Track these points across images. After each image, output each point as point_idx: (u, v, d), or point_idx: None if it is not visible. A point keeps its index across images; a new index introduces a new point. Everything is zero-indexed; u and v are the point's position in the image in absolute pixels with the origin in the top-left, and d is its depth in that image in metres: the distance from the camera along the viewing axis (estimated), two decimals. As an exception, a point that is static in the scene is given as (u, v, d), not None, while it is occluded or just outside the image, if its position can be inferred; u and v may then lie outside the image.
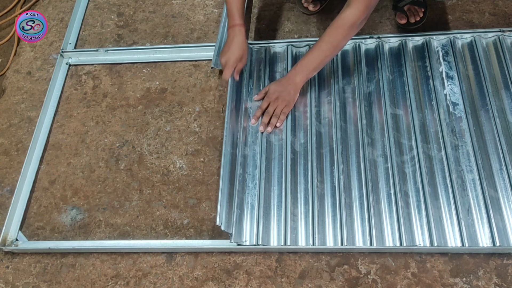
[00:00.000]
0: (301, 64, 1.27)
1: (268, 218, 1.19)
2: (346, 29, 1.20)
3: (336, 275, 1.14)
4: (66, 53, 1.61)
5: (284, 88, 1.29)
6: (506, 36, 1.39)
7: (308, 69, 1.26)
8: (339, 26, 1.20)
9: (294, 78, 1.28)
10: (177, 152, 1.38)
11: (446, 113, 1.29)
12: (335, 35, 1.21)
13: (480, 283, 1.10)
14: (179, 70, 1.54)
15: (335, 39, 1.22)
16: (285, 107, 1.30)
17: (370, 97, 1.35)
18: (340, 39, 1.22)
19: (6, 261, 1.27)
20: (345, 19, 1.19)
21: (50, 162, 1.42)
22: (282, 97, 1.29)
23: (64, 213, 1.32)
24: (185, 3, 1.72)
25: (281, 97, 1.29)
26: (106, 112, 1.49)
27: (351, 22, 1.18)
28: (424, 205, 1.16)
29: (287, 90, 1.29)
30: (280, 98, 1.29)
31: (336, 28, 1.20)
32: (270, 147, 1.30)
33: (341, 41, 1.23)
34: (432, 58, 1.38)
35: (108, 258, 1.23)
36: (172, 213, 1.28)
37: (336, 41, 1.22)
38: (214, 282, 1.16)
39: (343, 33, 1.20)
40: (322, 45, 1.23)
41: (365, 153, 1.25)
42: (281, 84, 1.30)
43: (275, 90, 1.30)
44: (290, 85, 1.29)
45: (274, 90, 1.30)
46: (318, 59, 1.25)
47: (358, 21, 1.18)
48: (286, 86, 1.29)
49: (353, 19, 1.18)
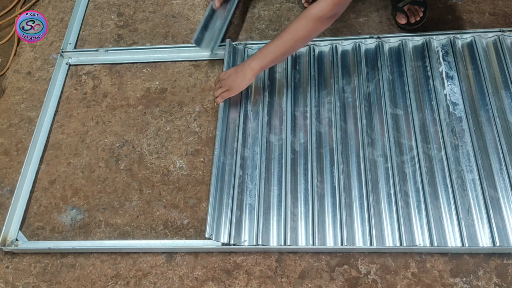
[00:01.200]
0: (260, 52, 1.24)
1: (268, 218, 1.19)
2: (310, 22, 1.15)
3: (336, 275, 1.14)
4: (66, 53, 1.61)
5: (237, 71, 1.29)
6: (506, 36, 1.39)
7: (266, 58, 1.23)
8: (304, 18, 1.16)
9: (248, 66, 1.25)
10: (177, 152, 1.38)
11: (446, 113, 1.29)
12: (298, 27, 1.17)
13: (480, 283, 1.10)
14: (179, 70, 1.54)
15: (297, 31, 1.17)
16: (225, 91, 1.31)
17: (370, 97, 1.35)
18: (302, 31, 1.17)
19: (6, 261, 1.27)
20: (311, 12, 1.15)
21: (50, 162, 1.42)
22: (229, 79, 1.30)
23: (64, 213, 1.32)
24: (185, 3, 1.72)
25: (228, 81, 1.30)
26: (106, 112, 1.49)
27: (316, 16, 1.14)
28: (424, 205, 1.16)
29: (235, 77, 1.28)
30: (227, 79, 1.30)
31: (300, 19, 1.16)
32: (270, 147, 1.30)
33: (305, 34, 1.17)
34: (432, 58, 1.38)
35: (108, 258, 1.23)
36: (172, 213, 1.28)
37: (298, 33, 1.17)
38: (214, 282, 1.16)
39: (307, 26, 1.16)
40: (284, 35, 1.19)
41: (365, 153, 1.25)
42: (235, 70, 1.30)
43: (227, 72, 1.31)
44: (240, 73, 1.27)
45: (226, 72, 1.31)
46: (278, 50, 1.21)
47: (324, 16, 1.13)
48: (239, 69, 1.28)
49: (319, 13, 1.13)
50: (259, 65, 1.24)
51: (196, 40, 1.49)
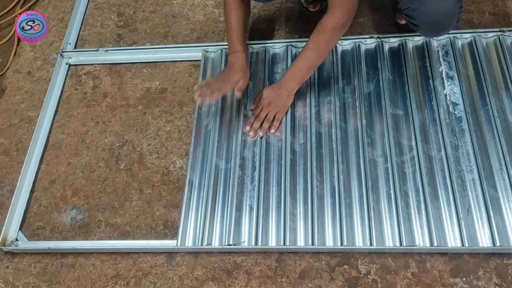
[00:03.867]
0: (290, 72, 1.26)
1: (267, 219, 1.19)
2: (328, 34, 1.19)
3: (336, 275, 1.14)
4: (66, 53, 1.61)
5: (277, 94, 1.29)
6: (506, 36, 1.39)
7: (297, 76, 1.26)
8: (321, 32, 1.19)
9: (286, 84, 1.28)
10: (177, 152, 1.38)
11: (446, 113, 1.29)
12: (318, 42, 1.21)
13: (480, 283, 1.10)
14: (179, 70, 1.54)
15: (318, 45, 1.21)
16: (277, 112, 1.30)
17: (370, 97, 1.35)
18: (323, 45, 1.21)
19: (6, 261, 1.27)
20: (326, 25, 1.18)
21: (50, 162, 1.42)
22: (275, 103, 1.29)
23: (64, 213, 1.32)
24: (185, 3, 1.72)
25: (273, 103, 1.29)
26: (106, 112, 1.49)
27: (332, 26, 1.17)
28: (424, 205, 1.16)
29: (280, 96, 1.29)
30: (272, 103, 1.29)
31: (318, 34, 1.20)
32: (269, 148, 1.30)
33: (326, 46, 1.22)
34: (432, 58, 1.38)
35: (108, 258, 1.23)
36: (172, 213, 1.28)
37: (320, 47, 1.21)
38: (214, 282, 1.16)
39: (325, 38, 1.20)
40: (307, 52, 1.23)
41: (365, 153, 1.25)
42: (274, 90, 1.30)
43: (267, 95, 1.30)
44: (283, 91, 1.28)
45: (267, 96, 1.30)
46: (306, 66, 1.24)
47: (338, 25, 1.17)
48: (279, 92, 1.29)
49: (333, 24, 1.17)
50: (295, 84, 1.28)
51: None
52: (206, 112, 1.39)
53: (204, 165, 1.29)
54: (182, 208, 1.23)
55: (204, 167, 1.29)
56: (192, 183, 1.27)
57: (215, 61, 1.49)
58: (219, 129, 1.34)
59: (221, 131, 1.34)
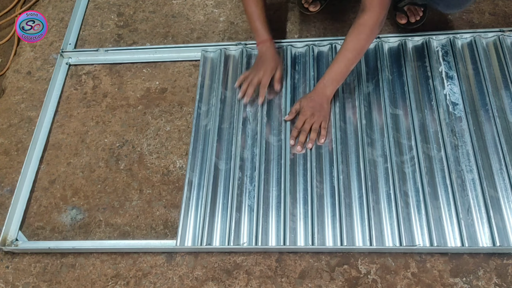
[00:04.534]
0: (329, 76, 1.25)
1: (267, 219, 1.20)
2: (368, 34, 1.18)
3: (336, 275, 1.14)
4: (66, 53, 1.61)
5: (317, 103, 1.27)
6: (506, 36, 1.39)
7: (337, 80, 1.25)
8: (361, 32, 1.18)
9: (325, 91, 1.26)
10: (177, 152, 1.38)
11: (446, 113, 1.29)
12: (358, 41, 1.19)
13: (480, 283, 1.10)
14: (179, 70, 1.54)
15: (358, 45, 1.20)
16: (323, 121, 1.28)
17: (370, 97, 1.35)
18: (363, 44, 1.20)
19: (6, 261, 1.27)
20: (365, 24, 1.17)
21: (50, 162, 1.42)
22: (318, 113, 1.27)
23: (64, 213, 1.32)
24: (185, 3, 1.72)
25: (316, 113, 1.27)
26: (106, 112, 1.49)
27: (371, 25, 1.16)
28: (424, 205, 1.16)
29: (321, 105, 1.27)
30: (316, 114, 1.27)
31: (358, 34, 1.19)
32: (269, 148, 1.30)
33: (366, 46, 1.22)
34: (432, 58, 1.38)
35: (108, 258, 1.23)
36: (172, 213, 1.28)
37: (360, 46, 1.20)
38: (214, 282, 1.16)
39: (366, 38, 1.19)
40: (347, 53, 1.21)
41: (365, 153, 1.25)
42: (313, 100, 1.27)
43: (308, 106, 1.27)
44: (322, 99, 1.27)
45: (308, 107, 1.27)
46: (346, 68, 1.23)
47: (377, 23, 1.16)
48: (318, 100, 1.27)
49: (372, 22, 1.16)
50: (334, 89, 1.27)
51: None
52: (206, 112, 1.39)
53: (203, 165, 1.29)
54: (181, 208, 1.23)
55: (203, 167, 1.29)
56: (191, 183, 1.27)
57: (214, 61, 1.49)
58: (218, 129, 1.34)
59: (221, 131, 1.34)
